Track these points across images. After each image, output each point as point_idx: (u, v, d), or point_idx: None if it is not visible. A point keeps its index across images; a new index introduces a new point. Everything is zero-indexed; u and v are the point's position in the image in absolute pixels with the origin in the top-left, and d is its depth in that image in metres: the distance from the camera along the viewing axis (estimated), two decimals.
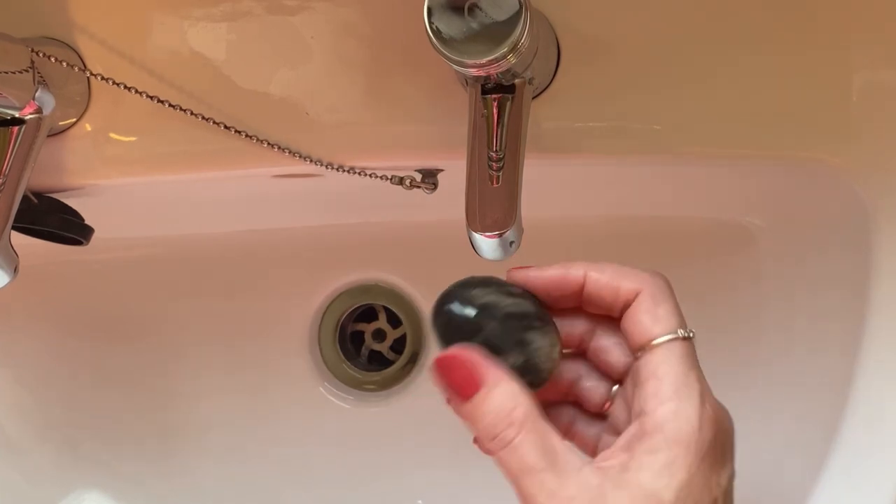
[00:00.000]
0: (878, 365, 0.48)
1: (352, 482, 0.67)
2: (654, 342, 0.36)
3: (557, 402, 0.40)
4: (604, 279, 0.37)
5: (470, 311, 0.37)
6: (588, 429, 0.40)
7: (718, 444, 0.35)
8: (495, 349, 0.36)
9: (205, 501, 0.68)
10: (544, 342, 0.37)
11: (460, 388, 0.35)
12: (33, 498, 0.66)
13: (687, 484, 0.33)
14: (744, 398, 0.59)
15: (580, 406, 0.40)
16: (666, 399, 0.34)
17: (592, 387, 0.39)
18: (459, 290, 0.37)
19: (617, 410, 0.39)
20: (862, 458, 0.48)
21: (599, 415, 0.40)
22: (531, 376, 0.37)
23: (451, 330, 0.37)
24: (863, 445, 0.48)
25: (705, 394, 0.35)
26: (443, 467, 0.65)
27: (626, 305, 0.37)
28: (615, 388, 0.39)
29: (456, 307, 0.37)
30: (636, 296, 0.37)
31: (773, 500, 0.54)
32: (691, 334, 0.36)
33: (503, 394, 0.35)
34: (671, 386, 0.35)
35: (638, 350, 0.36)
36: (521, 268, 0.38)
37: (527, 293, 0.38)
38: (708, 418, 0.34)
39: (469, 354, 0.35)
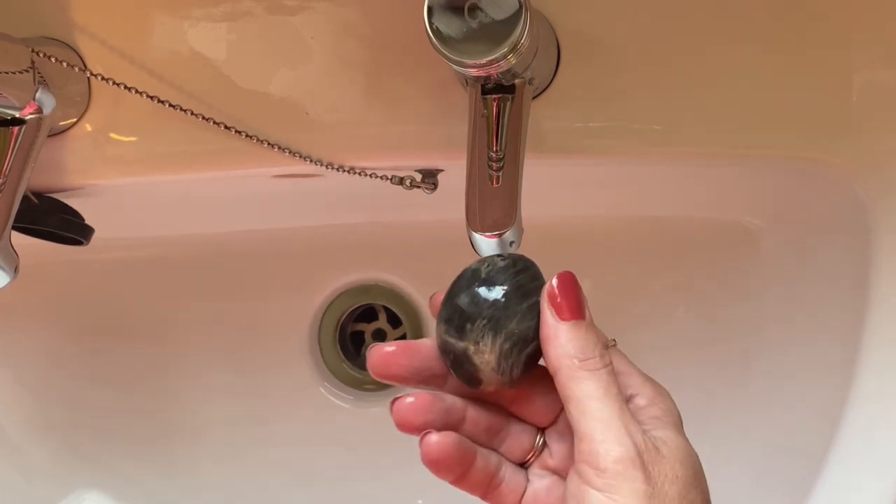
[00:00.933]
0: (878, 363, 0.48)
1: (352, 482, 0.67)
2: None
3: (485, 446, 0.40)
4: None
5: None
6: (514, 475, 0.39)
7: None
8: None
9: (205, 501, 0.68)
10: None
11: (569, 308, 0.37)
12: (33, 498, 0.66)
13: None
14: (744, 397, 0.59)
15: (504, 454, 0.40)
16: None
17: (519, 432, 0.40)
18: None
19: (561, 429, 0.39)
20: (863, 454, 0.48)
21: (523, 464, 0.40)
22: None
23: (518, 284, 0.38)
24: (863, 443, 0.48)
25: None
26: None
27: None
28: (539, 439, 0.40)
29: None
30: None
31: (773, 496, 0.54)
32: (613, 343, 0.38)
33: (599, 333, 0.37)
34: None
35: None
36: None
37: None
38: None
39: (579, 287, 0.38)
